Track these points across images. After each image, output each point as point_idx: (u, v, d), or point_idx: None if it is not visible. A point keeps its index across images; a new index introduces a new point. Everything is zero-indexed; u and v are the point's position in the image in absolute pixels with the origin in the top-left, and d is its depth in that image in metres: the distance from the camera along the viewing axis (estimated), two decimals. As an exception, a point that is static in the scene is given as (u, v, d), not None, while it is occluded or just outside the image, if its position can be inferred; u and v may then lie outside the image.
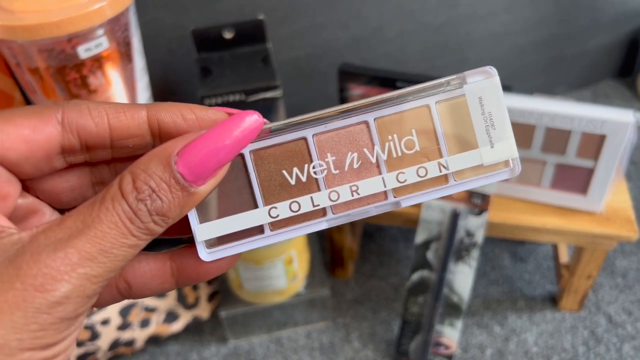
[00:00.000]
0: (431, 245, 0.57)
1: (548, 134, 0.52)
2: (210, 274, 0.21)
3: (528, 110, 0.51)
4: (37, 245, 0.16)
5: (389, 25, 0.76)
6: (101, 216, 0.16)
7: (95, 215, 0.17)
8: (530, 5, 0.82)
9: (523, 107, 0.51)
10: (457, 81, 0.21)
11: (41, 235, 0.16)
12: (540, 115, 0.50)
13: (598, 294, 0.68)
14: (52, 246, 0.16)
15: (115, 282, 0.21)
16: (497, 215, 0.56)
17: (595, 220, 0.55)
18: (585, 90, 1.01)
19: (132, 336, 0.61)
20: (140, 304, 0.61)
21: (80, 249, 0.16)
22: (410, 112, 0.21)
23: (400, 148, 0.21)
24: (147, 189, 0.17)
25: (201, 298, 0.64)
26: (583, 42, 0.92)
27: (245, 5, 0.67)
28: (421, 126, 0.21)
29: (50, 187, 0.20)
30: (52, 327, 0.16)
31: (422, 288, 0.57)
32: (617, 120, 0.48)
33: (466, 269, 0.56)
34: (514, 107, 0.51)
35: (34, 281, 0.15)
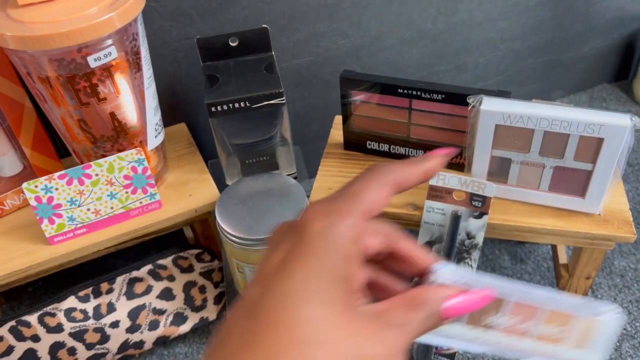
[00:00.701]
0: (433, 247, 0.58)
1: (546, 137, 0.53)
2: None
3: (526, 115, 0.52)
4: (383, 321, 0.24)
5: (388, 34, 0.78)
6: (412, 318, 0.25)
7: (409, 317, 0.25)
8: (526, 11, 0.84)
9: (522, 112, 0.52)
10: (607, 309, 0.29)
11: (387, 313, 0.25)
12: (539, 119, 0.52)
13: (597, 293, 0.69)
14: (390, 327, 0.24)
15: None
16: (496, 217, 0.58)
17: (594, 222, 0.57)
18: (582, 94, 1.02)
19: (140, 338, 0.62)
20: (148, 306, 0.62)
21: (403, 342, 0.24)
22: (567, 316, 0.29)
23: (548, 331, 0.30)
24: (426, 315, 0.25)
25: (208, 300, 0.66)
26: (579, 47, 0.94)
27: (248, 15, 0.69)
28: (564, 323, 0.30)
29: None
30: None
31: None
32: (614, 124, 0.50)
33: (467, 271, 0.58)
34: (512, 112, 0.52)
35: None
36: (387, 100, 0.61)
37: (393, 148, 0.65)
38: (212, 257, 0.66)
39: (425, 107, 0.60)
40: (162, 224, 0.62)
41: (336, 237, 0.24)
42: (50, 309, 0.60)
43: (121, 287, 0.62)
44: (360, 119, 0.64)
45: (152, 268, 0.63)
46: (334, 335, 0.21)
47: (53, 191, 0.56)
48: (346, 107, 0.62)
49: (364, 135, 0.65)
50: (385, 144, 0.65)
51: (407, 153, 0.65)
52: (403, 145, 0.64)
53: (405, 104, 0.60)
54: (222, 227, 0.56)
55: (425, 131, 0.62)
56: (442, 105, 0.59)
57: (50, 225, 0.58)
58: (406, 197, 0.61)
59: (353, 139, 0.66)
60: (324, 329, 0.21)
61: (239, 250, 0.57)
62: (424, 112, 0.61)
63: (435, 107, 0.59)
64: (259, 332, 0.21)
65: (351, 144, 0.67)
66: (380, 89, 0.59)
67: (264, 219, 0.56)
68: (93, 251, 0.60)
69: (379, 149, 0.66)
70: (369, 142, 0.65)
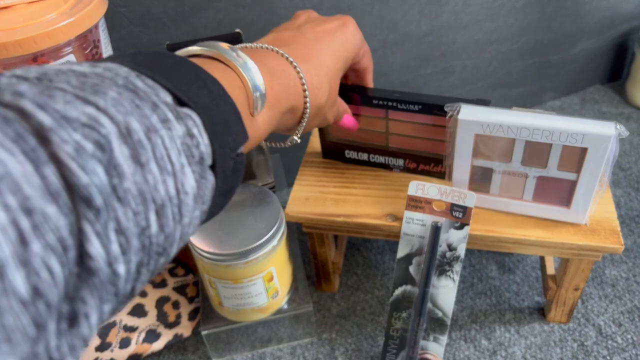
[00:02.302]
0: (413, 259, 0.56)
1: (528, 147, 0.51)
2: None
3: (506, 124, 0.50)
4: None
5: (371, 36, 0.75)
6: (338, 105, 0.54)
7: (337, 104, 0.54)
8: (514, 12, 0.82)
9: (501, 121, 0.50)
10: None
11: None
12: (519, 129, 0.49)
13: (587, 304, 0.67)
14: None
15: None
16: (478, 228, 0.55)
17: (580, 232, 0.54)
18: (573, 96, 1.00)
19: (111, 356, 0.60)
20: (119, 323, 0.60)
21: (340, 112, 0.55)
22: None
23: None
24: (340, 113, 0.55)
25: (182, 316, 0.63)
26: (570, 48, 0.92)
27: (223, 20, 0.66)
28: None
29: None
30: None
31: (405, 303, 0.56)
32: (598, 133, 0.47)
33: (449, 283, 0.55)
34: (491, 121, 0.50)
35: None
36: (363, 110, 0.59)
37: (372, 157, 0.62)
38: (186, 271, 0.64)
39: (403, 118, 0.58)
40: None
41: (356, 39, 0.50)
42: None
43: (90, 304, 0.60)
44: (337, 128, 0.62)
45: (123, 283, 0.61)
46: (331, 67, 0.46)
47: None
48: None
49: (341, 144, 0.63)
50: (364, 153, 0.63)
51: (387, 162, 0.62)
52: (382, 154, 0.62)
53: (381, 114, 0.58)
54: (191, 241, 0.54)
55: (404, 140, 0.60)
56: (420, 116, 0.56)
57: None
58: (385, 208, 0.58)
59: (331, 148, 0.64)
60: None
61: (209, 266, 0.54)
62: (402, 122, 0.58)
63: (413, 117, 0.57)
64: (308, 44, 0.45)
65: (329, 152, 0.65)
66: (354, 100, 0.57)
67: (237, 232, 0.54)
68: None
69: (358, 157, 0.63)
70: (347, 151, 0.63)
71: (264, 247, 0.54)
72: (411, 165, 0.61)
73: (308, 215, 0.59)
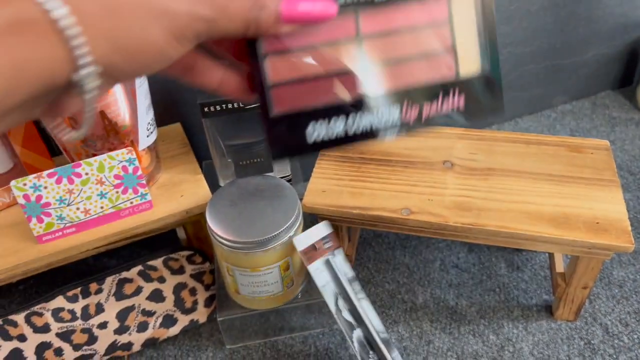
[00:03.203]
0: (338, 301, 0.57)
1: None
2: None
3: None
4: None
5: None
6: None
7: None
8: (528, 16, 0.83)
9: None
10: None
11: None
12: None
13: (595, 304, 0.68)
14: None
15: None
16: (493, 224, 0.57)
17: (591, 230, 0.55)
18: (584, 101, 1.01)
19: (129, 339, 0.62)
20: (137, 307, 0.62)
21: (215, 1, 0.24)
22: None
23: None
24: (262, 4, 0.26)
25: (199, 302, 0.65)
26: (582, 53, 0.93)
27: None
28: None
29: None
30: None
31: (368, 347, 0.57)
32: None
33: (365, 304, 0.58)
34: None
35: None
36: (317, 32, 0.30)
37: (349, 124, 0.32)
38: (203, 259, 0.65)
39: (386, 22, 0.31)
40: (153, 224, 0.61)
41: None
42: (37, 308, 0.59)
43: (110, 288, 0.61)
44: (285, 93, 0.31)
45: (142, 269, 0.62)
46: None
47: (42, 189, 0.55)
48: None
49: (295, 116, 0.31)
50: (335, 119, 0.32)
51: (372, 125, 0.32)
52: (363, 108, 0.32)
53: (349, 25, 0.30)
54: (212, 229, 0.55)
55: (394, 72, 0.32)
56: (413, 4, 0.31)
57: (39, 224, 0.57)
58: (400, 202, 0.60)
59: (280, 135, 0.31)
60: None
61: (228, 253, 0.56)
62: (385, 36, 0.31)
63: (398, 13, 0.31)
64: None
65: (279, 143, 0.32)
66: None
67: (255, 222, 0.56)
68: (82, 251, 0.59)
69: (329, 134, 0.32)
70: (312, 123, 0.31)
71: (281, 236, 0.55)
72: (412, 114, 0.32)
73: (324, 207, 0.60)
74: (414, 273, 0.73)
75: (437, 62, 0.32)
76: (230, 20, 0.25)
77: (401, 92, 0.31)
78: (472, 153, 0.65)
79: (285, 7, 0.26)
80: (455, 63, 0.32)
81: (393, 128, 0.32)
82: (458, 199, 0.59)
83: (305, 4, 0.27)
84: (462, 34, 0.31)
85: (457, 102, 0.32)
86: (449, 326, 0.66)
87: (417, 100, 0.32)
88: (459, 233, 0.58)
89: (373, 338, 0.56)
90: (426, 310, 0.68)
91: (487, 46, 0.32)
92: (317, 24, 0.28)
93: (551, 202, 0.59)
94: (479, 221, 0.57)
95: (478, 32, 0.31)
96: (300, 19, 0.27)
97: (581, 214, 0.57)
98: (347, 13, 0.30)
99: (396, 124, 0.32)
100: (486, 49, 0.32)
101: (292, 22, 0.27)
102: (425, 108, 0.32)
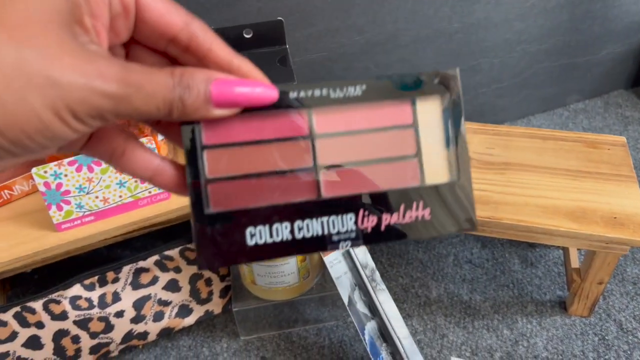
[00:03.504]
0: (355, 292, 0.57)
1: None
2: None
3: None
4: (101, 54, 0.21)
5: (403, 31, 0.77)
6: (152, 74, 0.22)
7: (150, 73, 0.22)
8: (544, 13, 0.83)
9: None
10: None
11: (133, 68, 0.22)
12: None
13: (608, 300, 0.68)
14: (110, 59, 0.22)
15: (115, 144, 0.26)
16: (510, 217, 0.57)
17: (609, 225, 0.55)
18: (597, 100, 1.01)
19: (145, 329, 0.62)
20: (153, 297, 0.62)
21: (127, 77, 0.21)
22: None
23: None
24: (187, 84, 0.23)
25: (214, 293, 0.65)
26: (596, 51, 0.93)
27: (262, 8, 0.68)
28: None
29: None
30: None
31: (381, 339, 0.58)
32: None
33: (384, 295, 0.57)
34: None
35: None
36: (266, 126, 0.28)
37: (299, 227, 0.28)
38: (219, 250, 0.66)
39: (339, 124, 0.28)
40: (170, 214, 0.61)
41: None
42: (55, 296, 0.59)
43: (127, 277, 0.62)
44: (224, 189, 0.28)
45: (159, 259, 0.63)
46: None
47: (62, 177, 0.56)
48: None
49: (233, 216, 0.28)
50: (283, 223, 0.28)
51: (324, 231, 0.28)
52: (311, 214, 0.28)
53: (299, 126, 0.28)
54: (230, 218, 0.56)
55: (349, 174, 0.30)
56: (368, 110, 0.29)
57: (58, 212, 0.57)
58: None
59: (212, 240, 0.27)
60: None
61: (246, 243, 0.56)
62: (339, 135, 0.29)
63: (355, 118, 0.29)
64: None
65: (209, 253, 0.27)
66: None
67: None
68: (100, 239, 0.60)
69: (272, 237, 0.28)
70: (250, 228, 0.27)
71: (299, 227, 0.56)
72: (369, 223, 0.29)
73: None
74: (428, 268, 0.73)
75: (399, 167, 0.29)
76: (146, 99, 0.22)
77: (357, 198, 0.28)
78: (488, 147, 0.65)
79: (216, 88, 0.23)
80: (421, 170, 0.29)
81: (347, 237, 0.28)
82: (475, 192, 0.60)
83: (240, 87, 0.24)
84: (428, 139, 0.29)
85: (422, 212, 0.29)
86: (462, 320, 0.66)
87: (376, 208, 0.29)
88: (475, 226, 0.58)
89: (387, 330, 0.56)
90: (440, 304, 0.68)
91: (457, 152, 0.29)
92: (254, 107, 0.25)
93: (568, 197, 0.59)
94: (497, 214, 0.57)
95: (446, 138, 0.29)
96: (234, 103, 0.24)
97: (598, 209, 0.57)
98: (300, 108, 0.27)
99: (351, 233, 0.28)
100: (456, 156, 0.29)
101: (225, 105, 0.24)
102: (385, 217, 0.28)
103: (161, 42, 0.25)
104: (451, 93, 0.28)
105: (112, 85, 0.21)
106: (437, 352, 0.63)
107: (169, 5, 0.24)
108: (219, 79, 0.23)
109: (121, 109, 0.21)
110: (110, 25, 0.23)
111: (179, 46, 0.24)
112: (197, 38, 0.24)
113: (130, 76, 0.21)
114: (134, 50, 0.25)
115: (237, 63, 0.25)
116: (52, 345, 0.58)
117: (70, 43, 0.21)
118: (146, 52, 0.25)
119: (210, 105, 0.23)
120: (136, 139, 0.26)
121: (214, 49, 0.24)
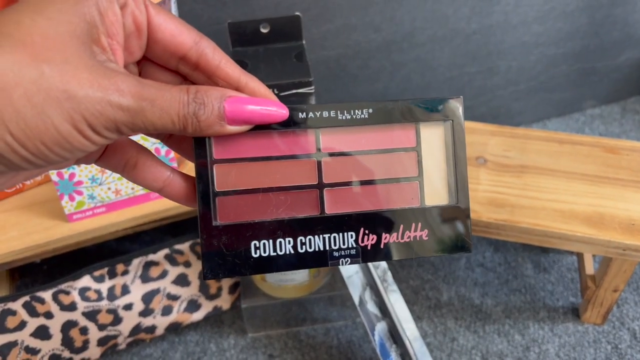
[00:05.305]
0: (366, 292, 0.57)
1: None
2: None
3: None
4: (119, 72, 0.22)
5: (421, 30, 0.76)
6: (166, 90, 0.23)
7: (165, 89, 0.23)
8: (563, 16, 0.82)
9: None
10: None
11: (149, 85, 0.23)
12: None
13: (622, 308, 0.67)
14: (129, 75, 0.23)
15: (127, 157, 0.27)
16: (526, 221, 0.56)
17: (627, 231, 0.55)
18: (614, 106, 1.00)
19: (153, 323, 0.62)
20: (162, 291, 0.62)
21: (141, 91, 0.22)
22: None
23: None
24: (202, 101, 0.24)
25: (223, 289, 0.65)
26: (615, 57, 0.92)
27: (280, 3, 0.68)
28: None
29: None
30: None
31: (391, 340, 0.57)
32: None
33: (396, 296, 0.56)
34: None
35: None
36: (274, 143, 0.29)
37: (301, 243, 0.30)
38: (229, 245, 0.65)
39: (345, 145, 0.30)
40: (181, 208, 0.61)
41: None
42: (65, 286, 0.59)
43: (137, 270, 0.61)
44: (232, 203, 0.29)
45: (169, 252, 0.62)
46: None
47: (75, 167, 0.55)
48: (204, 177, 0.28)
49: (236, 230, 0.29)
50: (286, 239, 0.30)
51: (325, 245, 0.30)
52: (314, 231, 0.30)
53: (306, 145, 0.30)
54: (242, 213, 0.55)
55: (352, 194, 0.31)
56: (375, 133, 0.30)
57: (70, 202, 0.57)
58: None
59: (218, 250, 0.29)
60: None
61: (258, 239, 0.56)
62: (345, 155, 0.30)
63: (362, 140, 0.30)
64: None
65: (215, 260, 0.29)
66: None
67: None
68: (111, 231, 0.59)
69: (275, 250, 0.29)
70: (255, 242, 0.29)
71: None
72: (370, 241, 0.30)
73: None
74: (439, 270, 0.72)
75: (401, 188, 0.30)
76: (160, 113, 0.23)
77: (359, 216, 0.30)
78: (505, 150, 0.64)
79: (230, 105, 0.25)
80: (421, 192, 0.30)
81: (347, 254, 0.30)
82: (491, 195, 0.59)
83: (253, 105, 0.25)
84: (430, 162, 0.30)
85: (420, 232, 0.30)
86: (473, 324, 0.66)
87: (376, 227, 0.30)
88: (491, 230, 0.57)
89: (397, 331, 0.56)
90: (450, 307, 0.68)
91: (456, 177, 0.30)
92: (265, 124, 0.27)
93: (585, 202, 0.58)
94: (513, 218, 0.56)
95: (447, 161, 0.30)
96: (247, 120, 0.25)
97: (616, 215, 0.56)
98: (308, 128, 0.29)
99: (351, 250, 0.30)
100: (456, 180, 0.30)
101: (238, 122, 0.25)
102: (384, 236, 0.30)
103: (172, 60, 0.26)
104: (454, 119, 0.30)
105: (127, 99, 0.22)
106: (447, 356, 0.62)
107: (180, 25, 0.25)
108: (233, 96, 0.25)
109: (137, 122, 0.22)
110: (124, 44, 0.24)
111: (189, 64, 0.26)
112: (206, 56, 0.25)
113: (144, 91, 0.22)
114: (147, 68, 0.26)
115: (245, 80, 0.26)
116: (60, 336, 0.58)
117: (88, 60, 0.22)
118: (159, 70, 0.27)
119: (224, 121, 0.25)
120: (148, 151, 0.28)
121: (222, 67, 0.26)
